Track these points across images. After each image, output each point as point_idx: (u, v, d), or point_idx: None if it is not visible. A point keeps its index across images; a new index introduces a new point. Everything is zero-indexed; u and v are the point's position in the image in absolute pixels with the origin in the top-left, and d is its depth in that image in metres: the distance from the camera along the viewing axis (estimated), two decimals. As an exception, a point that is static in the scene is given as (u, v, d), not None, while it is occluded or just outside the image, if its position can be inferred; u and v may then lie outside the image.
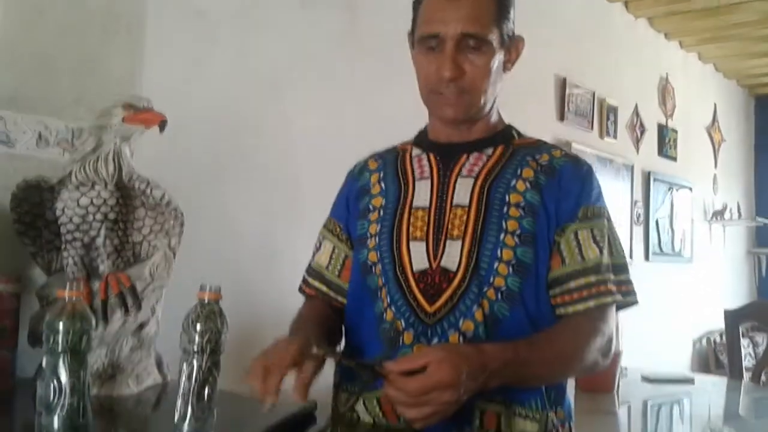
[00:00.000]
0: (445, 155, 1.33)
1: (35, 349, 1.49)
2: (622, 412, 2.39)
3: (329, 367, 1.37)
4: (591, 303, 1.23)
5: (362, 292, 1.30)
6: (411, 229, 1.26)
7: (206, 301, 1.13)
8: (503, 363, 1.10)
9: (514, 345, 1.15)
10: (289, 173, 2.33)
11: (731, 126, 6.28)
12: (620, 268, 1.29)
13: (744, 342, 3.75)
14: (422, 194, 1.29)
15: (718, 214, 5.83)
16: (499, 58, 1.27)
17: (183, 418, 1.10)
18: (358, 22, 2.61)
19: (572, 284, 1.23)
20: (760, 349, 4.42)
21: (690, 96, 5.51)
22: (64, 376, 1.07)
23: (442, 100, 1.26)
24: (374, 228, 1.31)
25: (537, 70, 3.75)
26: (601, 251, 1.25)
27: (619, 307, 1.29)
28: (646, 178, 4.88)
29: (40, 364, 1.11)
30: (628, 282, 1.29)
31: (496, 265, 1.21)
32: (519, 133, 1.38)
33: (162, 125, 1.57)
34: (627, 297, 1.28)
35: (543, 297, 1.24)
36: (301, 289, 1.44)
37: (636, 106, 4.76)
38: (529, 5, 3.41)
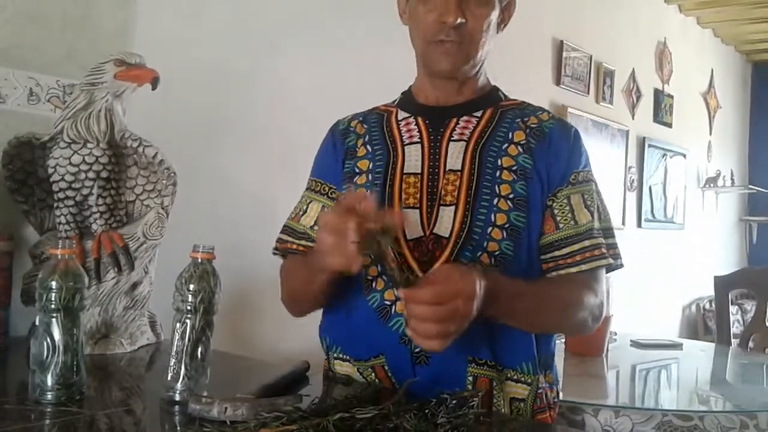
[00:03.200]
0: (434, 118, 1.31)
1: (28, 307, 1.49)
2: (610, 376, 2.41)
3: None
4: (584, 267, 1.23)
5: None
6: (403, 195, 1.24)
7: (199, 261, 1.13)
8: (500, 290, 1.11)
9: (512, 278, 1.17)
10: (285, 131, 2.31)
11: (727, 92, 6.26)
12: (609, 232, 1.29)
13: (732, 309, 3.78)
14: (413, 160, 1.27)
15: (712, 181, 5.84)
16: (496, 14, 1.25)
17: (176, 377, 1.11)
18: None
19: (566, 249, 1.23)
20: (749, 316, 4.47)
21: (687, 61, 5.48)
22: (57, 334, 1.07)
23: (441, 50, 1.24)
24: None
25: (534, 33, 3.72)
26: (592, 215, 1.26)
27: (607, 271, 1.29)
28: (641, 143, 4.87)
29: (34, 323, 1.11)
30: (615, 246, 1.30)
31: (489, 230, 1.20)
32: (505, 95, 1.37)
33: (154, 82, 1.55)
34: (616, 260, 1.29)
35: (534, 261, 1.25)
36: (281, 249, 1.37)
37: (633, 71, 4.73)
38: (528, -34, 3.37)
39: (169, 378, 1.11)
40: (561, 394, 1.35)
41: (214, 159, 2.11)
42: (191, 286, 1.11)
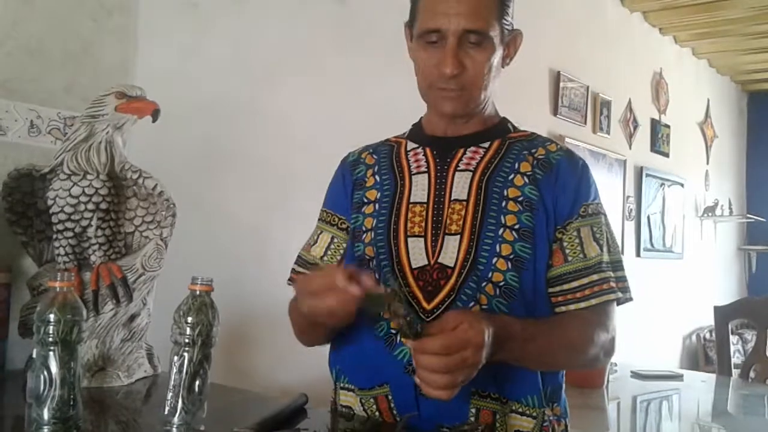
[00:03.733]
0: (442, 149, 1.32)
1: (26, 339, 1.49)
2: (611, 408, 2.40)
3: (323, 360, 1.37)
4: (593, 301, 1.22)
5: None
6: (409, 224, 1.25)
7: (198, 293, 1.13)
8: (510, 335, 1.10)
9: (521, 320, 1.16)
10: (283, 164, 2.33)
11: (724, 122, 6.30)
12: (617, 265, 1.29)
13: (733, 339, 3.76)
14: (420, 189, 1.28)
15: (710, 210, 5.85)
16: (498, 54, 1.26)
17: (173, 410, 1.10)
18: (352, 14, 2.60)
19: (575, 283, 1.23)
20: (749, 346, 4.44)
21: (683, 91, 5.52)
22: (54, 368, 1.06)
23: (442, 94, 1.25)
24: (370, 222, 1.29)
25: (531, 64, 3.75)
26: (601, 249, 1.26)
27: (617, 304, 1.29)
28: (639, 173, 4.89)
29: (31, 355, 1.11)
30: (624, 279, 1.29)
31: (494, 260, 1.20)
32: (514, 126, 1.37)
33: (155, 114, 1.56)
34: (625, 293, 1.28)
35: (540, 292, 1.24)
36: (293, 281, 1.39)
37: (629, 101, 4.77)
38: (524, -1, 3.41)
39: (166, 412, 1.10)
40: (569, 428, 1.33)
41: (213, 191, 2.11)
42: (189, 319, 1.11)
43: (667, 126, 5.27)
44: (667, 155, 5.27)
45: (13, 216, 1.56)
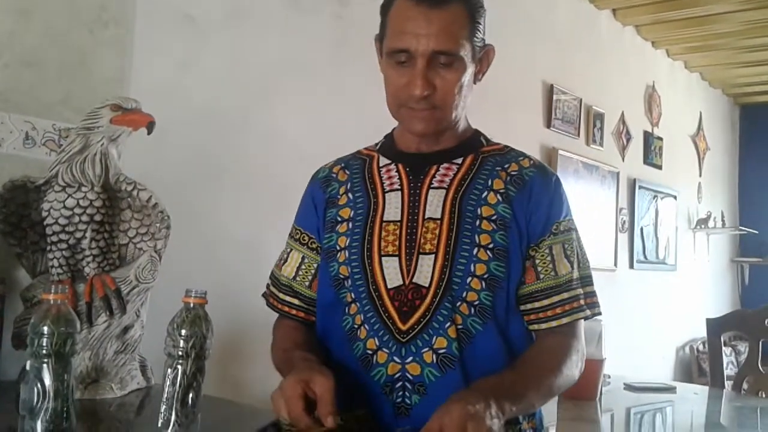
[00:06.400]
0: (415, 166, 1.30)
1: (19, 351, 1.48)
2: (604, 420, 2.39)
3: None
4: (564, 320, 1.23)
5: (333, 306, 1.27)
6: (383, 243, 1.23)
7: (192, 306, 1.13)
8: (492, 388, 1.07)
9: (495, 374, 1.15)
10: (278, 177, 2.33)
11: (716, 134, 6.34)
12: (587, 280, 1.29)
13: (726, 350, 3.77)
14: (393, 207, 1.26)
15: (702, 223, 5.88)
16: (470, 72, 1.24)
17: (166, 423, 1.10)
18: (349, 27, 2.62)
19: (546, 301, 1.23)
20: (742, 357, 4.46)
21: (676, 104, 5.56)
22: (47, 380, 1.06)
23: (413, 114, 1.23)
24: (343, 241, 1.27)
25: (524, 77, 3.78)
26: (572, 266, 1.26)
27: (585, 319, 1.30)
28: (632, 185, 4.91)
29: (24, 367, 1.11)
30: (593, 294, 1.29)
31: (469, 280, 1.20)
32: (487, 139, 1.35)
33: (150, 127, 1.57)
34: (593, 309, 1.28)
35: (513, 310, 1.24)
36: (269, 304, 1.39)
37: (622, 114, 4.79)
38: (517, 12, 3.44)
39: (159, 425, 1.10)
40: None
41: (208, 203, 2.12)
42: (183, 331, 1.11)
43: (660, 138, 5.30)
44: (660, 167, 5.29)
45: (8, 227, 1.56)
